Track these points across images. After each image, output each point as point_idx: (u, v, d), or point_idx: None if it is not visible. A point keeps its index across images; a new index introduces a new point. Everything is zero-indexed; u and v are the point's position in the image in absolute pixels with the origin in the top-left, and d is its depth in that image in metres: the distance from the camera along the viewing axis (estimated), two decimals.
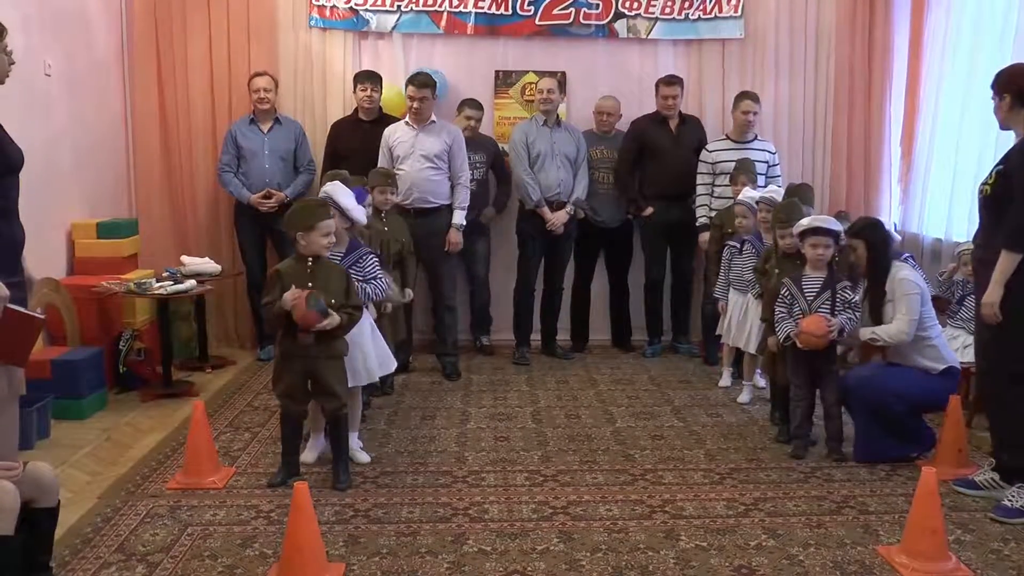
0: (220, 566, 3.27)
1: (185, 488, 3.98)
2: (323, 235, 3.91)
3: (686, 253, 6.60)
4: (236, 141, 6.28)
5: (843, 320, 4.29)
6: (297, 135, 6.42)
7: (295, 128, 6.44)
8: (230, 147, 6.30)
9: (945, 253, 5.96)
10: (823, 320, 4.27)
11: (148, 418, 5.02)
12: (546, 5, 6.65)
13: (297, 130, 6.44)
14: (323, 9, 6.58)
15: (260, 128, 6.32)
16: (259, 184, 6.22)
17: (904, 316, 4.21)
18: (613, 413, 5.21)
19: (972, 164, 5.65)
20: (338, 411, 4.01)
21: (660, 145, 6.40)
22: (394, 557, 3.35)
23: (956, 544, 3.45)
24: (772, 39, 6.82)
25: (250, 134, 6.30)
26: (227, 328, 6.80)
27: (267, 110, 6.31)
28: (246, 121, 6.34)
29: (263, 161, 6.25)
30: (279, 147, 6.31)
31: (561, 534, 3.55)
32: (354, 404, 4.33)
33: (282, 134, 6.35)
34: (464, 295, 6.58)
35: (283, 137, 6.34)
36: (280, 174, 6.27)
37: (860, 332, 4.34)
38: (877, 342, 4.33)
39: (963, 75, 5.90)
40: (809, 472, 4.25)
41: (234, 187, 6.27)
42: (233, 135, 6.30)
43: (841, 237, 4.39)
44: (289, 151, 6.35)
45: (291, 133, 6.39)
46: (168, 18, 6.47)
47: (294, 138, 6.39)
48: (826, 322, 4.26)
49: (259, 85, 6.25)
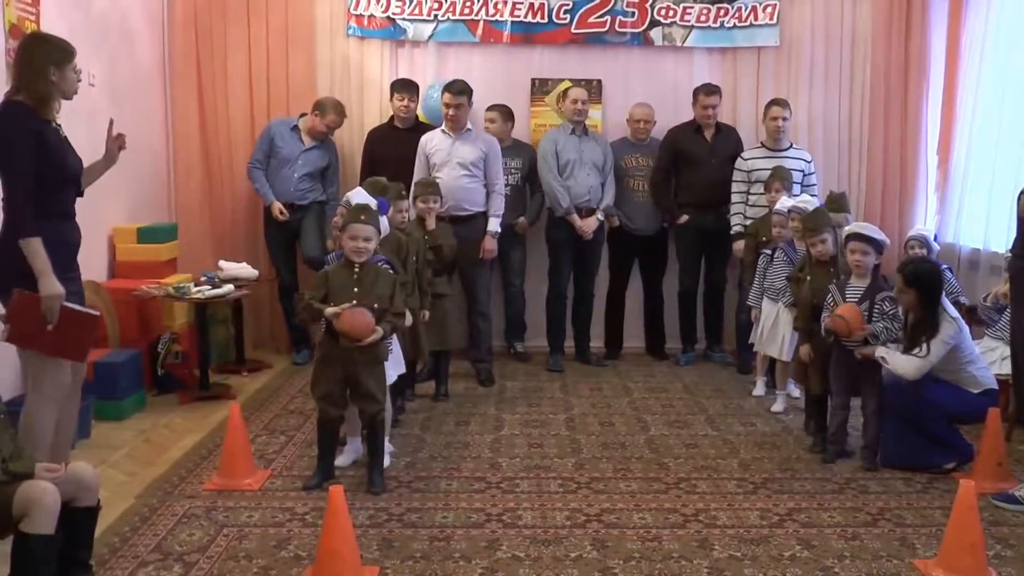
0: (255, 567, 3.31)
1: (221, 490, 4.04)
2: (350, 237, 3.96)
3: (720, 261, 6.57)
4: (272, 140, 6.32)
5: (879, 328, 4.26)
6: (331, 155, 6.48)
7: (332, 147, 6.49)
8: (264, 144, 6.34)
9: (983, 263, 5.89)
10: (859, 312, 4.25)
11: (185, 420, 5.09)
12: (582, 13, 6.66)
13: (333, 149, 6.50)
14: (361, 18, 6.64)
15: (301, 140, 6.33)
16: (282, 192, 6.27)
17: (924, 358, 4.17)
18: (647, 421, 5.20)
19: (1011, 172, 5.59)
20: (376, 415, 4.05)
21: (695, 154, 6.38)
22: (428, 561, 3.37)
23: (996, 559, 3.40)
24: (808, 47, 6.78)
25: (291, 141, 6.32)
26: (263, 332, 6.88)
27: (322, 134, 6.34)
28: (288, 125, 6.36)
29: (293, 171, 6.27)
30: (313, 163, 6.34)
31: (594, 541, 3.55)
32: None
33: (319, 152, 6.37)
34: (498, 302, 6.59)
35: (319, 156, 6.38)
36: (306, 186, 6.32)
37: (876, 348, 4.28)
38: (886, 364, 4.27)
39: (1001, 82, 5.84)
40: (844, 483, 4.22)
41: (260, 184, 6.32)
42: (271, 134, 6.33)
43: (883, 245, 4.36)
44: (320, 169, 6.40)
45: (327, 152, 6.44)
46: (208, 28, 6.56)
47: (329, 158, 6.45)
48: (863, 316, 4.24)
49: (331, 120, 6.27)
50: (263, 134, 6.38)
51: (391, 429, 4.55)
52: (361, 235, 3.96)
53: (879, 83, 6.76)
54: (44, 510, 2.71)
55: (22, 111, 3.42)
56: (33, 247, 3.37)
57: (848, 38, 6.78)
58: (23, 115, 3.41)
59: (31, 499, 2.70)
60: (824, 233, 4.64)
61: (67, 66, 3.52)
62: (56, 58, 3.49)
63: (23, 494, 2.71)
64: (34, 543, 2.71)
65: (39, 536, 2.71)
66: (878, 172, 6.85)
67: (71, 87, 3.57)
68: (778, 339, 5.30)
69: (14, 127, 3.39)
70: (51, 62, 3.47)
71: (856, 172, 6.87)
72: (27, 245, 3.37)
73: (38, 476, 2.81)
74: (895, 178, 6.84)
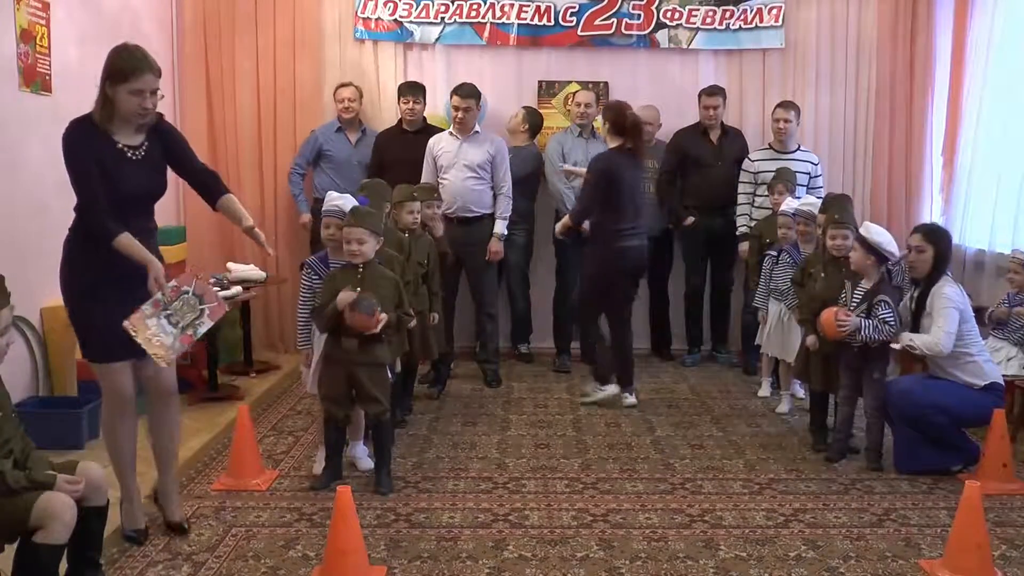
0: (263, 567, 3.34)
1: (230, 490, 4.07)
2: (345, 241, 4.00)
3: (726, 263, 6.59)
4: (321, 148, 6.40)
5: (860, 322, 4.27)
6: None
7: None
8: (308, 151, 6.43)
9: (988, 264, 5.89)
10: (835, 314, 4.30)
11: (194, 421, 5.10)
12: (588, 16, 6.69)
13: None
14: (368, 21, 6.68)
15: (347, 137, 6.43)
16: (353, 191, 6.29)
17: (940, 328, 4.19)
18: (653, 422, 5.22)
19: (1016, 173, 5.58)
20: (380, 416, 4.07)
21: (701, 157, 6.40)
22: (435, 561, 3.39)
23: (1001, 560, 3.41)
24: (813, 48, 6.80)
25: (338, 143, 6.42)
26: (271, 333, 6.92)
27: (351, 119, 6.42)
28: (332, 128, 6.45)
29: (353, 171, 6.32)
30: (367, 157, 6.39)
31: (601, 542, 3.57)
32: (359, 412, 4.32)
33: (368, 143, 6.44)
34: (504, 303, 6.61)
35: (369, 147, 6.43)
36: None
37: (900, 336, 4.31)
38: (915, 350, 4.30)
39: (1007, 83, 5.84)
40: (849, 484, 4.23)
41: (297, 190, 6.44)
42: (318, 141, 6.41)
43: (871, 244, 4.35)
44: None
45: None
46: (217, 32, 6.61)
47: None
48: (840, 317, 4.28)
49: (344, 96, 6.38)
50: (308, 140, 6.47)
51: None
52: (353, 237, 3.97)
53: (884, 84, 6.77)
54: (63, 524, 2.71)
55: (78, 124, 3.26)
56: (122, 245, 3.18)
57: (853, 40, 6.79)
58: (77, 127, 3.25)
59: (51, 513, 2.68)
60: (848, 228, 4.63)
61: (121, 85, 3.19)
62: (110, 74, 3.23)
63: (43, 506, 2.69)
64: (43, 552, 2.70)
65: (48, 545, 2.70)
66: (883, 173, 6.85)
67: (127, 108, 3.22)
68: (783, 340, 5.31)
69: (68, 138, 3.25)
70: (107, 77, 3.24)
71: (861, 173, 6.88)
72: (117, 246, 3.18)
73: (59, 488, 2.77)
74: (900, 179, 6.85)
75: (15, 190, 4.54)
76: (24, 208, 4.59)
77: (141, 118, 3.29)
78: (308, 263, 4.40)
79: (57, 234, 3.40)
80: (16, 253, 4.42)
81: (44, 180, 4.66)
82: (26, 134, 4.63)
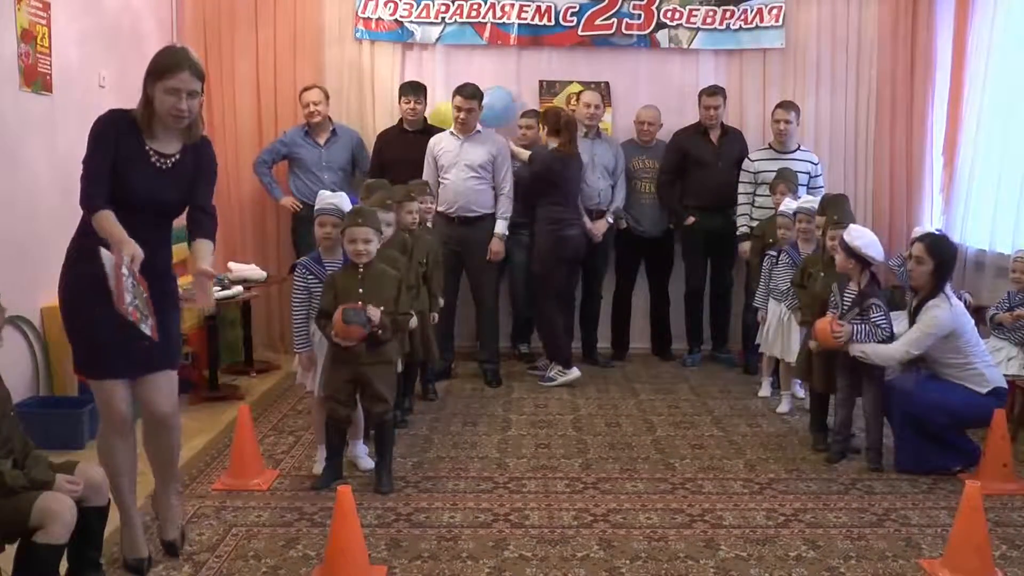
0: (264, 567, 3.34)
1: (230, 489, 4.07)
2: (349, 241, 3.98)
3: (726, 263, 6.60)
4: (288, 149, 6.38)
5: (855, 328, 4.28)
6: (354, 144, 6.48)
7: (352, 137, 6.49)
8: (278, 150, 6.41)
9: (989, 264, 5.89)
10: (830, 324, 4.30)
11: (195, 421, 5.10)
12: (588, 16, 6.69)
13: (354, 139, 6.50)
14: (368, 21, 6.68)
15: (316, 140, 6.37)
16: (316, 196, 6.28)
17: (904, 344, 4.22)
18: (653, 422, 5.22)
19: (1017, 173, 5.58)
20: (384, 415, 4.07)
21: (702, 157, 6.40)
22: (435, 561, 3.39)
23: (1002, 560, 3.41)
24: (813, 48, 6.80)
25: (306, 146, 6.37)
26: (272, 333, 6.92)
27: (319, 123, 6.35)
28: (300, 132, 6.40)
29: (321, 173, 6.30)
30: (336, 159, 6.37)
31: (601, 541, 3.57)
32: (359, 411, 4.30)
33: (339, 145, 6.40)
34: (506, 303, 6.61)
35: (340, 148, 6.40)
36: (338, 185, 6.30)
37: (851, 346, 4.30)
38: (866, 359, 4.30)
39: (1007, 83, 5.84)
40: (850, 484, 4.23)
41: (267, 180, 6.41)
42: (286, 143, 6.40)
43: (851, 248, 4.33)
44: (347, 161, 6.43)
45: (348, 143, 6.45)
46: (217, 32, 6.61)
47: (351, 148, 6.46)
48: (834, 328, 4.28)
49: (308, 99, 6.29)
50: (277, 141, 6.45)
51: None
52: (360, 237, 3.96)
53: (885, 84, 6.78)
54: (63, 524, 2.71)
55: (112, 113, 3.15)
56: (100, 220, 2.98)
57: (854, 40, 6.79)
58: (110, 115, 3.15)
59: (51, 512, 2.69)
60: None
61: (158, 83, 3.05)
62: (150, 71, 3.10)
63: (43, 505, 2.70)
64: (44, 552, 2.71)
65: (48, 545, 2.71)
66: (884, 173, 6.86)
67: (163, 107, 3.06)
68: (784, 340, 5.32)
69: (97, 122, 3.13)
70: (148, 74, 3.10)
71: (862, 173, 6.88)
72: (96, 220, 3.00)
73: (58, 488, 2.78)
74: (901, 179, 6.85)
75: (15, 190, 4.54)
76: (24, 208, 4.58)
77: (177, 121, 3.10)
78: (302, 263, 4.36)
79: (57, 234, 3.39)
80: (16, 253, 4.43)
81: (44, 180, 4.66)
82: (26, 134, 4.63)
